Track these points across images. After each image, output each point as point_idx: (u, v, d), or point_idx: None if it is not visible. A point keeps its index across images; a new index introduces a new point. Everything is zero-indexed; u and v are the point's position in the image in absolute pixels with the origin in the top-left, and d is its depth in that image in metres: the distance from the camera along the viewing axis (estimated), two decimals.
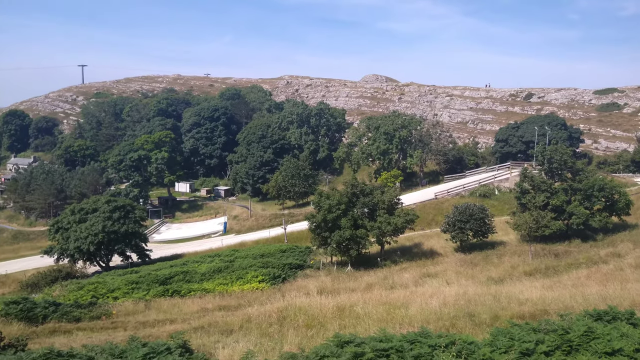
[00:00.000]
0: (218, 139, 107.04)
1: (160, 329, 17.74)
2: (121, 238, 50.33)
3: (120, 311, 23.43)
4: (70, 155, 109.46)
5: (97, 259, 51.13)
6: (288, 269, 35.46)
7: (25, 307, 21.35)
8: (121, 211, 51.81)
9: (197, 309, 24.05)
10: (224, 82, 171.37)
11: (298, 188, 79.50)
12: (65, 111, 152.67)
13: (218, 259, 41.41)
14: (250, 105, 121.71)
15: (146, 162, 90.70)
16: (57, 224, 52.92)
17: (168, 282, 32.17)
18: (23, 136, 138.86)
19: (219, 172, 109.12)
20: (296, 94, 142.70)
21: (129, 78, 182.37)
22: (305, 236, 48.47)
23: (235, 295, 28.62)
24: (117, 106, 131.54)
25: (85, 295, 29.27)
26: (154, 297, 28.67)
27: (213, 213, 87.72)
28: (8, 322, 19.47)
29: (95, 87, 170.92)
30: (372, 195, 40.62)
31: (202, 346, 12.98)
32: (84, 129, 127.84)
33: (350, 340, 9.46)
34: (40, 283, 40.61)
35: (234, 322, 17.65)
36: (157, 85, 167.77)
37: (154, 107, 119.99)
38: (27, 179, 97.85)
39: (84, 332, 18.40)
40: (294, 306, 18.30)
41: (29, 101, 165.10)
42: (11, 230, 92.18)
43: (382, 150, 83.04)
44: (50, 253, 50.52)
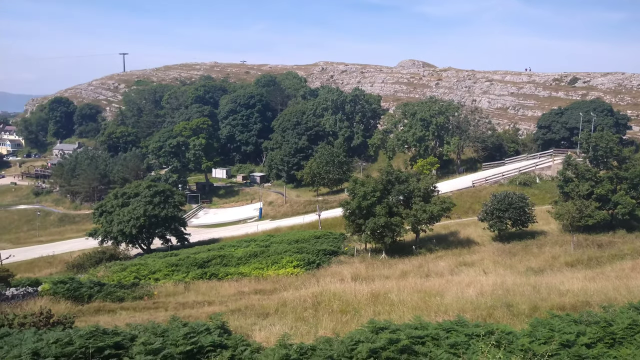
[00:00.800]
0: (254, 126, 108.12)
1: (199, 310, 18.29)
2: (161, 222, 51.94)
3: (161, 292, 24.27)
4: (113, 142, 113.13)
5: (139, 241, 53.01)
6: (322, 255, 35.71)
7: (72, 286, 22.43)
8: (161, 196, 53.37)
9: (234, 292, 24.62)
10: (260, 69, 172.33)
11: (332, 175, 79.56)
12: (107, 98, 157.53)
13: (254, 244, 42.14)
14: (285, 92, 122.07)
15: (184, 148, 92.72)
16: (101, 207, 55.10)
17: (206, 265, 33.03)
18: (68, 123, 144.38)
19: (255, 159, 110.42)
20: (331, 80, 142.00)
21: (168, 66, 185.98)
22: (340, 223, 48.61)
23: (271, 279, 29.11)
24: (157, 93, 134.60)
25: (128, 276, 30.45)
26: (192, 280, 29.52)
27: (249, 199, 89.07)
28: (56, 301, 20.50)
29: (136, 75, 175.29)
30: (407, 182, 40.20)
31: (239, 328, 13.31)
32: (126, 115, 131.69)
33: (385, 327, 9.48)
34: (86, 264, 42.48)
35: (270, 306, 17.99)
36: (195, 73, 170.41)
37: (192, 95, 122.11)
38: (72, 164, 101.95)
39: (127, 311, 19.19)
40: (329, 292, 18.46)
41: (73, 89, 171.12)
42: (57, 214, 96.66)
43: (418, 137, 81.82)
44: (95, 235, 52.74)
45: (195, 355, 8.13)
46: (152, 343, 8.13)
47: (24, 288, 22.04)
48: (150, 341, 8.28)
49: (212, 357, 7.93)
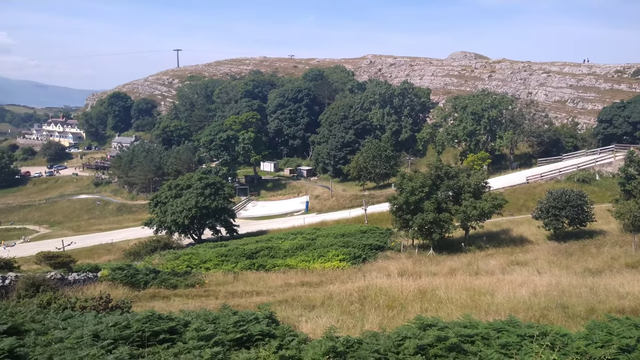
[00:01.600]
0: (301, 120, 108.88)
1: (247, 300, 18.75)
2: (212, 213, 53.47)
3: (211, 281, 25.06)
4: (167, 135, 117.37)
5: (191, 231, 54.85)
6: (368, 249, 35.59)
7: (129, 273, 23.58)
8: (212, 188, 54.90)
9: (281, 283, 25.03)
10: (308, 63, 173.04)
11: (379, 169, 78.94)
12: (162, 93, 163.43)
13: (300, 237, 42.56)
14: (332, 86, 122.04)
15: (234, 142, 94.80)
16: (156, 198, 57.41)
17: (254, 256, 33.73)
18: (126, 117, 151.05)
19: (302, 153, 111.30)
20: (379, 73, 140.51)
21: (219, 61, 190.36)
22: (386, 218, 48.20)
23: (317, 272, 29.34)
24: (208, 88, 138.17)
25: (181, 264, 31.62)
26: (241, 270, 30.26)
27: (295, 192, 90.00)
28: (114, 286, 21.62)
29: (189, 70, 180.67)
30: (457, 178, 39.25)
31: (286, 318, 13.54)
32: (179, 110, 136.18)
33: (433, 324, 9.35)
34: (141, 252, 44.44)
35: (316, 298, 18.15)
36: (245, 68, 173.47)
37: (242, 89, 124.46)
38: (129, 156, 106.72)
39: (180, 298, 19.96)
40: (375, 286, 18.40)
41: (131, 84, 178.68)
42: (116, 203, 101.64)
43: (469, 131, 79.63)
44: (150, 225, 55.07)
45: (245, 343, 8.36)
46: (204, 329, 8.42)
47: (85, 273, 23.37)
48: (202, 327, 8.59)
49: (260, 346, 8.12)
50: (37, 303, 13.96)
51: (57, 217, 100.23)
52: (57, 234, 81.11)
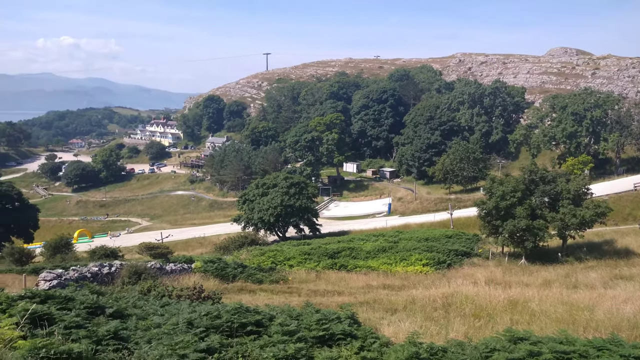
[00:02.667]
0: (385, 121, 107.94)
1: (329, 299, 18.94)
2: (296, 212, 54.80)
3: (295, 278, 25.67)
4: (256, 136, 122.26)
5: (276, 229, 56.65)
6: (454, 255, 34.37)
7: (219, 266, 24.89)
8: (296, 187, 56.27)
9: (362, 284, 24.97)
10: (393, 63, 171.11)
11: (467, 172, 75.94)
12: (252, 96, 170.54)
13: (382, 239, 42.19)
14: (418, 86, 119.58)
15: (318, 142, 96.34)
16: (244, 196, 60.04)
17: (336, 256, 34.00)
18: (219, 118, 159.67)
19: (385, 154, 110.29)
20: (469, 72, 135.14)
21: (305, 64, 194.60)
22: (473, 223, 46.27)
23: (399, 275, 28.89)
24: (295, 90, 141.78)
25: (266, 260, 32.76)
26: (323, 269, 30.65)
27: (378, 194, 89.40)
28: (206, 278, 22.92)
29: (277, 73, 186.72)
30: (554, 183, 36.61)
31: (367, 320, 13.49)
32: (267, 112, 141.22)
33: (525, 337, 8.80)
34: (230, 247, 46.66)
35: (398, 302, 17.87)
36: (330, 70, 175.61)
37: (327, 91, 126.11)
38: (221, 156, 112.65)
39: (265, 293, 20.68)
40: (461, 294, 17.72)
41: (224, 87, 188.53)
42: (208, 200, 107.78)
43: (568, 132, 73.95)
44: (239, 221, 57.72)
45: (327, 342, 8.45)
46: (288, 325, 8.64)
47: (181, 264, 25.04)
48: (286, 323, 8.82)
49: (342, 345, 8.16)
50: (138, 290, 15.20)
51: (157, 210, 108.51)
52: (156, 226, 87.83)
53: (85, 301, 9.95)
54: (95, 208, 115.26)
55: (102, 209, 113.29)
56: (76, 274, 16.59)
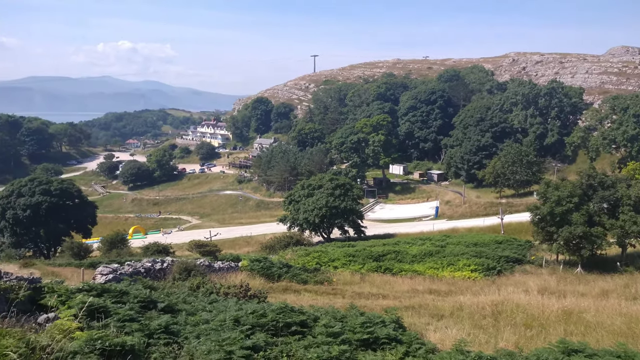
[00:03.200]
0: (433, 122, 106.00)
1: (374, 302, 18.80)
2: (341, 213, 54.80)
3: (339, 280, 25.67)
4: (302, 137, 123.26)
5: (321, 230, 56.88)
6: (504, 261, 33.27)
7: (265, 265, 25.28)
8: (341, 189, 56.28)
9: (408, 288, 24.63)
10: (443, 63, 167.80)
11: (519, 176, 73.25)
12: (299, 97, 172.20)
13: (429, 243, 41.46)
14: (469, 87, 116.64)
15: (364, 144, 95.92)
16: (290, 196, 60.68)
17: (381, 259, 33.73)
18: (266, 120, 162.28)
19: (433, 156, 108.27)
20: (522, 72, 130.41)
21: (352, 65, 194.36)
22: (525, 229, 44.58)
23: (446, 280, 28.28)
24: (342, 92, 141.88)
25: (311, 261, 32.95)
26: (367, 271, 30.48)
27: (425, 197, 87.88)
28: (252, 276, 23.32)
29: (324, 75, 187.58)
30: (614, 188, 34.67)
31: (413, 325, 13.27)
32: (314, 113, 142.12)
33: (579, 349, 8.37)
34: (276, 246, 47.26)
35: (445, 308, 17.48)
36: (378, 71, 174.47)
37: (374, 92, 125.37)
38: (268, 156, 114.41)
39: (310, 293, 20.79)
40: (511, 302, 17.11)
41: (272, 89, 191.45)
42: (255, 200, 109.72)
43: (630, 135, 69.85)
44: (284, 221, 58.41)
45: (371, 345, 8.38)
46: (332, 326, 8.65)
47: (228, 263, 25.64)
48: (330, 324, 8.82)
49: (387, 350, 8.07)
50: (188, 286, 15.69)
51: (206, 209, 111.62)
52: (205, 224, 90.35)
53: (139, 295, 10.36)
54: (149, 206, 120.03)
55: (155, 207, 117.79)
56: (130, 269, 17.35)
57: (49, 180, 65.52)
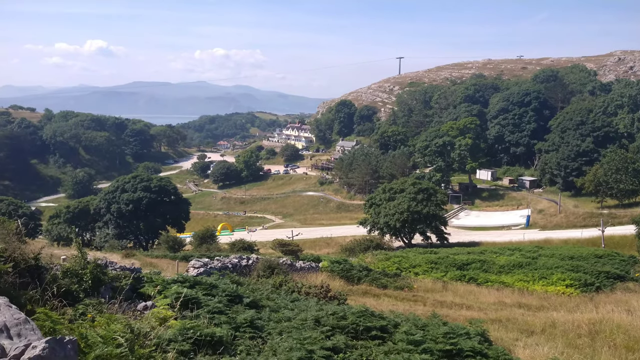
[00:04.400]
0: (527, 126, 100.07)
1: (456, 312, 18.14)
2: (423, 218, 53.60)
3: (420, 286, 25.08)
4: (385, 140, 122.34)
5: (401, 235, 56.06)
6: (604, 277, 30.47)
7: (345, 267, 25.39)
8: (424, 193, 55.05)
9: (494, 300, 23.44)
10: (539, 63, 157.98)
11: (624, 185, 66.79)
12: (383, 100, 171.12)
13: (518, 253, 39.20)
14: (567, 88, 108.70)
15: (450, 148, 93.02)
16: (371, 200, 60.47)
17: (465, 267, 32.45)
18: (349, 122, 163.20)
19: (525, 162, 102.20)
20: (630, 72, 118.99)
21: (439, 66, 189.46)
22: (630, 243, 40.65)
23: (537, 295, 26.52)
24: (427, 94, 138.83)
25: (391, 266, 32.54)
26: (450, 280, 29.47)
27: (515, 204, 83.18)
28: (332, 278, 23.51)
29: (409, 77, 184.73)
30: None
31: (499, 340, 12.61)
32: (397, 116, 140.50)
33: None
34: (356, 249, 47.32)
35: (535, 324, 16.41)
36: (466, 72, 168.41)
37: (461, 94, 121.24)
38: (350, 159, 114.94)
39: (389, 299, 20.54)
40: (611, 321, 15.62)
41: (355, 92, 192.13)
42: (336, 202, 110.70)
43: None
44: (364, 224, 58.31)
45: (454, 357, 8.09)
46: (413, 334, 8.48)
47: (309, 263, 26.10)
48: (411, 332, 8.66)
49: None
50: (271, 283, 16.20)
51: (289, 209, 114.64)
52: (288, 224, 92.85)
53: (227, 289, 10.89)
54: (236, 204, 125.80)
55: (242, 206, 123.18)
56: (219, 264, 18.29)
57: (149, 177, 71.10)
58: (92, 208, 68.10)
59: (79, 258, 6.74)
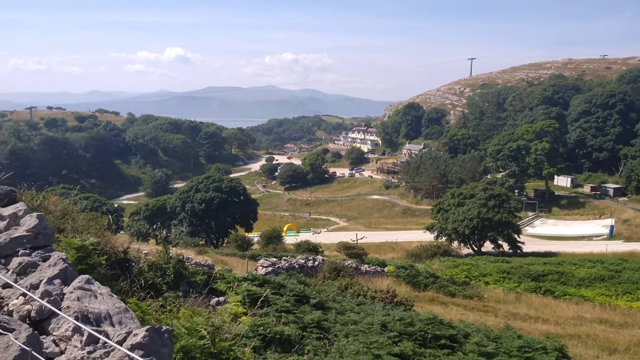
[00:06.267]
0: (611, 130, 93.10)
1: (531, 326, 17.24)
2: (494, 226, 51.45)
3: (490, 296, 24.10)
4: (454, 144, 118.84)
5: (470, 242, 54.13)
6: None
7: (411, 273, 24.96)
8: (496, 200, 52.84)
9: (572, 315, 22.02)
10: (625, 63, 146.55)
11: None
12: (452, 102, 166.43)
13: (600, 266, 36.54)
14: None
15: (525, 152, 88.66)
16: (439, 205, 58.95)
17: (540, 279, 30.78)
18: (417, 125, 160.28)
19: (609, 168, 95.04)
20: None
21: (514, 67, 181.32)
22: None
23: (620, 310, 24.58)
24: (500, 96, 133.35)
25: (460, 274, 31.54)
26: (524, 291, 28.07)
27: (597, 213, 77.58)
28: (398, 283, 23.21)
29: (481, 78, 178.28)
30: None
31: (579, 357, 11.84)
32: (468, 119, 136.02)
33: None
34: (422, 255, 46.29)
35: (618, 341, 15.24)
36: (544, 72, 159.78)
37: (538, 96, 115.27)
38: (417, 163, 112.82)
39: (458, 307, 19.91)
40: None
41: (424, 95, 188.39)
42: (402, 206, 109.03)
43: None
44: (431, 230, 56.94)
45: None
46: (485, 346, 8.18)
47: (374, 267, 25.92)
48: (483, 343, 8.35)
49: None
50: (337, 286, 16.28)
51: (353, 212, 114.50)
52: (352, 227, 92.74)
53: (294, 289, 11.09)
54: (301, 206, 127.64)
55: (307, 207, 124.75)
56: (286, 264, 18.67)
57: (221, 178, 74.04)
58: (169, 206, 72.04)
59: (163, 253, 7.18)
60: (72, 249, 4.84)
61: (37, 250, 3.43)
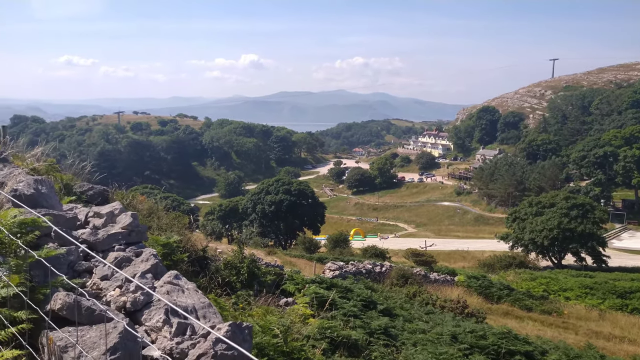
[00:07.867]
0: None
1: (616, 346, 15.97)
2: (576, 237, 48.27)
3: (571, 313, 22.61)
4: (533, 149, 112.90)
5: (549, 254, 51.13)
6: None
7: (484, 284, 24.00)
8: (579, 209, 49.60)
9: None
10: None
11: None
12: (532, 106, 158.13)
13: None
14: None
15: (612, 159, 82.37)
16: (515, 213, 56.22)
17: (628, 296, 28.41)
18: (492, 130, 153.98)
19: None
20: None
21: (601, 68, 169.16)
22: None
23: None
24: (586, 99, 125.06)
25: (537, 287, 29.87)
26: (608, 309, 26.05)
27: None
28: (469, 293, 22.41)
29: (565, 80, 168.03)
30: None
31: None
32: (549, 123, 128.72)
33: None
34: (495, 265, 44.32)
35: None
36: (634, 74, 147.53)
37: (628, 98, 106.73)
38: (491, 169, 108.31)
39: (534, 323, 18.88)
40: None
41: (500, 98, 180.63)
42: (474, 213, 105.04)
43: None
44: (506, 240, 54.41)
45: None
46: None
47: (444, 275, 25.25)
48: None
49: None
50: (405, 293, 16.07)
51: (422, 219, 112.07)
52: (420, 234, 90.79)
53: (361, 294, 11.11)
54: (368, 210, 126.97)
55: (374, 212, 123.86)
56: (354, 268, 18.70)
57: (290, 181, 75.63)
58: (240, 207, 74.67)
59: (237, 252, 7.51)
60: (158, 246, 5.23)
61: (130, 246, 3.77)
